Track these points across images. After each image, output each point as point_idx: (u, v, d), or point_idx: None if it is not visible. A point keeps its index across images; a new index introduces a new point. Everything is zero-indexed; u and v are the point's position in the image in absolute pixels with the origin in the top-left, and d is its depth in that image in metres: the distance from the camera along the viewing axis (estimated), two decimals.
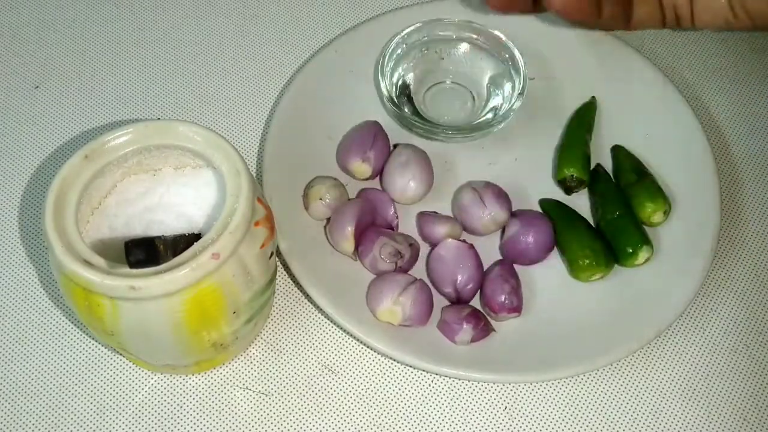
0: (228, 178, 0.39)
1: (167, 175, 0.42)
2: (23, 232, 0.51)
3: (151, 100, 0.56)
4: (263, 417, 0.45)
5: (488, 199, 0.49)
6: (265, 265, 0.41)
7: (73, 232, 0.38)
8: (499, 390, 0.47)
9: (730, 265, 0.51)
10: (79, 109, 0.56)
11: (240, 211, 0.38)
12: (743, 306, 0.50)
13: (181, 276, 0.36)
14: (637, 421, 0.46)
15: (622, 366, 0.48)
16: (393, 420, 0.46)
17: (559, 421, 0.46)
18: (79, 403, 0.45)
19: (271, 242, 0.41)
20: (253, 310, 0.42)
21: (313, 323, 0.48)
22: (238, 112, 0.56)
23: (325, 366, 0.47)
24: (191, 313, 0.38)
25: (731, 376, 0.48)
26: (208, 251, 0.37)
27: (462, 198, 0.50)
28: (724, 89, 0.59)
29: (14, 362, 0.47)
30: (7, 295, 0.49)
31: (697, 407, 0.47)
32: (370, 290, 0.47)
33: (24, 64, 0.58)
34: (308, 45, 0.59)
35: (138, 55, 0.58)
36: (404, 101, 0.54)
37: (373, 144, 0.51)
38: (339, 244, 0.48)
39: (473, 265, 0.47)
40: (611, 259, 0.49)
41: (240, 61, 0.58)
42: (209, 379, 0.46)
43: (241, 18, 0.61)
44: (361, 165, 0.51)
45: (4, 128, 0.55)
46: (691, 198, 0.51)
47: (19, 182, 0.53)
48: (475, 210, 0.49)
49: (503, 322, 0.47)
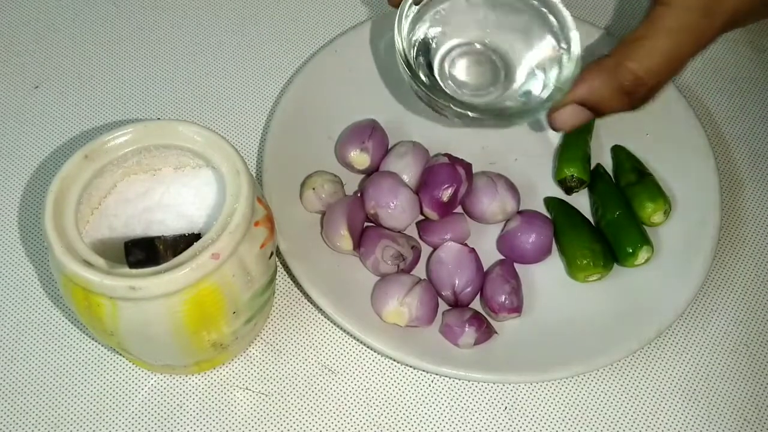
0: (228, 178, 0.39)
1: (167, 175, 0.42)
2: (23, 232, 0.51)
3: (151, 100, 0.56)
4: (263, 417, 0.45)
5: (501, 187, 0.50)
6: (265, 265, 0.41)
7: (73, 232, 0.38)
8: (499, 390, 0.47)
9: (730, 265, 0.51)
10: (79, 109, 0.56)
11: (240, 211, 0.38)
12: (743, 306, 0.50)
13: (181, 276, 0.36)
14: (637, 421, 0.46)
15: (622, 366, 0.48)
16: (393, 420, 0.46)
17: (559, 421, 0.46)
18: (79, 403, 0.45)
19: (271, 242, 0.41)
20: (253, 310, 0.42)
21: (313, 323, 0.48)
22: (238, 112, 0.56)
23: (325, 366, 0.47)
24: (191, 313, 0.38)
25: (731, 376, 0.48)
26: (208, 251, 0.37)
27: (476, 181, 0.50)
28: (724, 89, 0.59)
29: (14, 362, 0.46)
30: (7, 295, 0.49)
31: (697, 407, 0.47)
32: (375, 292, 0.47)
33: (24, 64, 0.58)
34: (308, 45, 0.59)
35: (138, 55, 0.58)
36: (420, 64, 0.44)
37: (372, 135, 0.51)
38: (335, 244, 0.48)
39: (473, 269, 0.47)
40: (610, 260, 0.49)
41: (240, 61, 0.58)
42: (209, 379, 0.46)
43: (240, 18, 0.61)
44: (359, 155, 0.51)
45: (4, 128, 0.55)
46: (691, 198, 0.51)
47: (19, 182, 0.53)
48: (487, 194, 0.49)
49: (504, 323, 0.47)
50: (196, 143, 0.41)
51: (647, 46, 0.38)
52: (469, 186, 0.49)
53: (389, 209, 0.48)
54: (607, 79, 0.40)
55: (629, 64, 0.39)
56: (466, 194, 0.50)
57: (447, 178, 0.48)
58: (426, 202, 0.48)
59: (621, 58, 0.39)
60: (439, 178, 0.48)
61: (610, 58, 0.39)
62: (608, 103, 0.40)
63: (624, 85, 0.39)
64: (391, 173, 0.49)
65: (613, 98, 0.40)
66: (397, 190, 0.48)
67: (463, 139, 0.53)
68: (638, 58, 0.39)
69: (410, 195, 0.48)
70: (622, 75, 0.39)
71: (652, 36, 0.38)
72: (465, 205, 0.51)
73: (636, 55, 0.39)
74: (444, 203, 0.48)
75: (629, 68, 0.39)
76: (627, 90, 0.39)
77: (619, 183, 0.52)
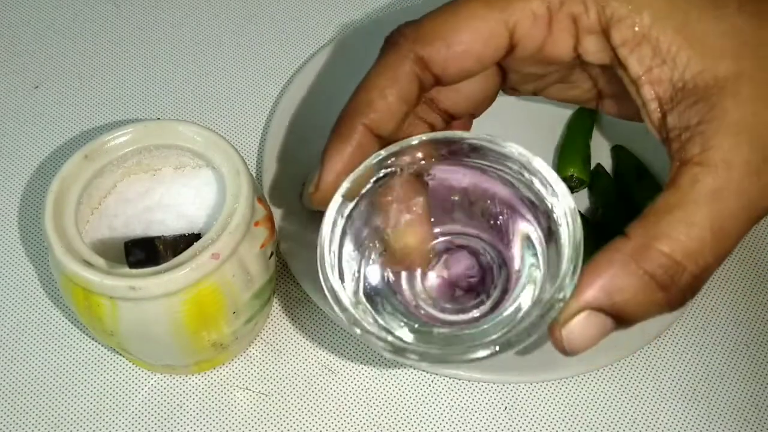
0: (228, 178, 0.39)
1: (167, 175, 0.42)
2: (23, 232, 0.51)
3: (150, 100, 0.56)
4: (263, 417, 0.45)
5: None
6: (265, 265, 0.41)
7: (73, 233, 0.38)
8: (499, 390, 0.47)
9: (730, 265, 0.51)
10: (79, 109, 0.56)
11: (240, 211, 0.38)
12: (743, 306, 0.50)
13: (180, 276, 0.36)
14: (637, 421, 0.46)
15: (622, 366, 0.47)
16: (393, 420, 0.46)
17: (559, 421, 0.46)
18: (79, 403, 0.45)
19: (271, 242, 0.41)
20: (253, 310, 0.42)
21: (313, 323, 0.48)
22: (238, 112, 0.56)
23: (325, 366, 0.47)
24: (191, 313, 0.38)
25: (731, 376, 0.48)
26: (208, 251, 0.37)
27: None
28: None
29: (14, 362, 0.46)
30: (7, 295, 0.49)
31: (697, 407, 0.47)
32: None
33: (24, 64, 0.58)
34: (308, 45, 0.58)
35: (138, 55, 0.58)
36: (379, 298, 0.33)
37: None
38: None
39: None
40: None
41: (240, 61, 0.58)
42: (209, 379, 0.46)
43: (241, 18, 0.61)
44: None
45: (4, 128, 0.55)
46: None
47: (18, 182, 0.53)
48: None
49: None
50: (196, 143, 0.41)
51: (682, 220, 0.29)
52: None
53: None
54: (630, 271, 0.29)
55: (660, 245, 0.29)
56: None
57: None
58: None
59: (647, 238, 0.29)
60: None
61: (629, 240, 0.29)
62: (636, 305, 0.29)
63: (657, 276, 0.29)
64: None
65: (643, 296, 0.29)
66: None
67: None
68: (673, 236, 0.28)
69: None
70: (651, 262, 0.28)
71: (687, 205, 0.29)
72: None
73: (669, 233, 0.29)
74: None
75: (661, 251, 0.28)
76: (662, 283, 0.29)
77: (619, 183, 0.52)
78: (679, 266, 0.29)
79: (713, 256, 0.29)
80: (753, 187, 0.29)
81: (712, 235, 0.29)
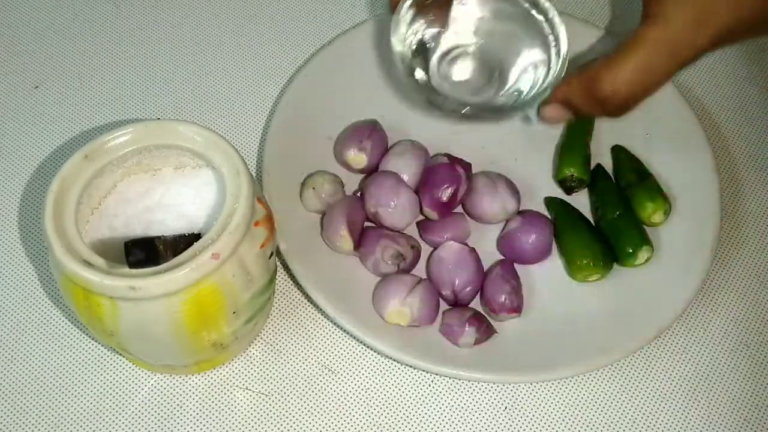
0: (228, 178, 0.39)
1: (167, 175, 0.42)
2: (23, 232, 0.51)
3: (150, 100, 0.56)
4: (263, 417, 0.45)
5: (501, 187, 0.50)
6: (265, 265, 0.41)
7: (73, 233, 0.38)
8: (499, 390, 0.47)
9: (730, 265, 0.51)
10: (79, 109, 0.56)
11: (240, 211, 0.38)
12: (744, 306, 0.50)
13: (181, 276, 0.36)
14: (637, 421, 0.46)
15: (622, 366, 0.48)
16: (393, 420, 0.46)
17: (559, 421, 0.46)
18: (79, 403, 0.45)
19: (271, 242, 0.41)
20: (253, 310, 0.42)
21: (313, 323, 0.48)
22: (238, 112, 0.56)
23: (325, 366, 0.47)
24: (191, 313, 0.38)
25: (731, 376, 0.48)
26: (208, 251, 0.37)
27: (476, 181, 0.50)
28: (724, 89, 0.59)
29: (14, 362, 0.46)
30: (7, 295, 0.49)
31: (697, 407, 0.47)
32: (376, 292, 0.47)
33: (24, 64, 0.58)
34: (308, 45, 0.58)
35: (138, 55, 0.58)
36: (417, 64, 0.45)
37: (370, 135, 0.51)
38: (335, 244, 0.48)
39: (473, 269, 0.47)
40: (610, 261, 0.49)
41: (240, 61, 0.58)
42: (209, 379, 0.46)
43: (240, 18, 0.61)
44: (356, 155, 0.51)
45: (4, 128, 0.55)
46: (691, 198, 0.51)
47: (19, 182, 0.53)
48: (487, 195, 0.49)
49: (504, 323, 0.47)
50: (196, 143, 0.41)
51: (625, 59, 0.40)
52: (469, 186, 0.49)
53: (390, 208, 0.48)
54: (585, 87, 0.41)
55: (605, 74, 0.40)
56: (466, 194, 0.50)
57: (447, 177, 0.48)
58: (426, 201, 0.48)
59: (601, 68, 0.41)
60: (439, 177, 0.48)
61: (594, 67, 0.41)
62: (583, 109, 0.43)
63: (597, 95, 0.41)
64: (391, 173, 0.49)
65: (587, 105, 0.42)
66: (398, 189, 0.48)
67: (463, 139, 0.53)
68: (614, 70, 0.40)
69: (411, 194, 0.49)
70: (596, 85, 0.41)
71: (632, 49, 0.40)
72: (465, 205, 0.51)
73: (613, 67, 0.40)
74: (444, 203, 0.48)
75: (603, 79, 0.40)
76: (599, 99, 0.41)
77: (619, 183, 0.52)
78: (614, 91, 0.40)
79: (641, 87, 0.40)
80: (686, 40, 0.39)
81: (642, 74, 0.40)
